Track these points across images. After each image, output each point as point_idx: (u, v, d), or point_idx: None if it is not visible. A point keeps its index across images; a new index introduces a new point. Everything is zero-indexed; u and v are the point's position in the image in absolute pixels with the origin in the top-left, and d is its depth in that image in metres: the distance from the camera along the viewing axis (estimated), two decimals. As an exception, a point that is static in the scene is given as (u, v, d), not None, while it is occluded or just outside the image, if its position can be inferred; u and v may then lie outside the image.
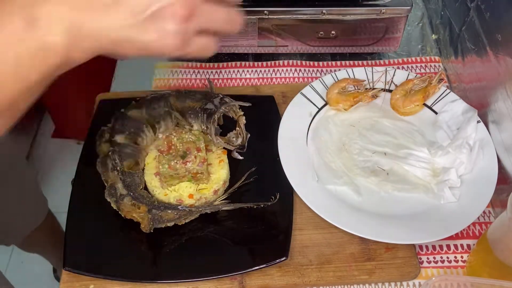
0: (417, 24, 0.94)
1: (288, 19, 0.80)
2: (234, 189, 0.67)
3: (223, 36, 0.42)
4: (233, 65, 0.87)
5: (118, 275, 0.61)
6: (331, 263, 0.62)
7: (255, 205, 0.64)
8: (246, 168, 0.68)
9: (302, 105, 0.76)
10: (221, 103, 0.68)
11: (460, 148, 0.68)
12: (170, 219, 0.62)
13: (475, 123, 0.70)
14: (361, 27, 0.82)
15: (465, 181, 0.66)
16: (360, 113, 0.76)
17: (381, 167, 0.69)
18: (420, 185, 0.67)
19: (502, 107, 0.66)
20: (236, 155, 0.71)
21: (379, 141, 0.72)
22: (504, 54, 0.65)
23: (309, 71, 0.86)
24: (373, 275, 0.61)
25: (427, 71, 0.86)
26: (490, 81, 0.70)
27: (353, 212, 0.64)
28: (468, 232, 0.66)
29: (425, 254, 0.65)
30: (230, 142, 0.70)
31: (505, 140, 0.67)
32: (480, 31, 0.71)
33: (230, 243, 0.63)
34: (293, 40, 0.84)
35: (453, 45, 0.82)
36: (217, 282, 0.61)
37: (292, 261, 0.62)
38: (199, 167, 0.64)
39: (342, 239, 0.64)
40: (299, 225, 0.66)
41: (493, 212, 0.68)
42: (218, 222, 0.65)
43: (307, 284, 0.61)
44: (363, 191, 0.67)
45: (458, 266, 0.64)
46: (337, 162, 0.70)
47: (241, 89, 0.83)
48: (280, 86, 0.83)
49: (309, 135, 0.74)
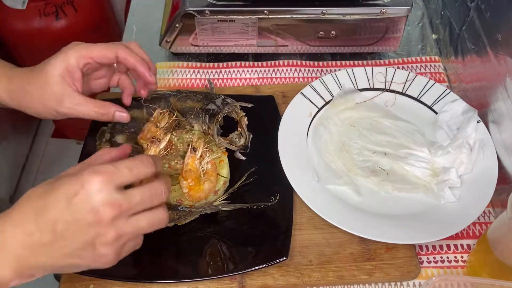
0: (417, 24, 0.94)
1: (288, 19, 0.80)
2: (234, 189, 0.67)
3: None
4: (233, 65, 0.87)
5: (118, 275, 0.61)
6: (331, 263, 0.62)
7: (255, 205, 0.64)
8: (246, 168, 0.68)
9: (302, 105, 0.76)
10: (224, 104, 0.68)
11: (460, 148, 0.68)
12: (170, 220, 0.62)
13: (475, 123, 0.70)
14: (361, 27, 0.82)
15: (465, 181, 0.66)
16: (360, 113, 0.76)
17: (381, 167, 0.69)
18: (420, 185, 0.67)
19: (502, 107, 0.66)
20: (239, 156, 0.71)
21: (379, 141, 0.72)
22: (504, 54, 0.65)
23: (309, 71, 0.86)
24: (373, 275, 0.61)
25: (427, 71, 0.86)
26: (490, 81, 0.70)
27: (353, 212, 0.64)
28: (468, 232, 0.66)
29: (425, 254, 0.65)
30: (232, 142, 0.69)
31: (505, 140, 0.67)
32: (480, 31, 0.71)
33: (230, 243, 0.63)
34: (293, 40, 0.84)
35: (453, 45, 0.82)
36: (217, 282, 0.61)
37: (292, 261, 0.62)
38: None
39: (342, 239, 0.64)
40: (299, 225, 0.66)
41: (493, 212, 0.68)
42: (218, 222, 0.65)
43: (307, 284, 0.61)
44: (363, 191, 0.67)
45: (458, 266, 0.64)
46: (337, 162, 0.71)
47: (241, 89, 0.83)
48: (280, 86, 0.83)
49: (309, 135, 0.74)
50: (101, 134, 0.70)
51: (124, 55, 0.61)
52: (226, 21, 0.80)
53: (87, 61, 0.60)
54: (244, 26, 0.81)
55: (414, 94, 0.78)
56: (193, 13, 0.79)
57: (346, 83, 0.78)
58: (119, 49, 0.60)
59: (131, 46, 0.63)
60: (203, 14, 0.79)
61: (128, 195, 0.45)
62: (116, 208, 0.44)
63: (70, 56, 0.59)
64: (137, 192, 0.46)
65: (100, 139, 0.70)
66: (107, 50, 0.60)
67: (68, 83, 0.59)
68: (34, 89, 0.59)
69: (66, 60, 0.59)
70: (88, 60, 0.60)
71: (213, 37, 0.83)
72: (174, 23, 0.81)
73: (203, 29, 0.81)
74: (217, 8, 0.79)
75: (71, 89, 0.59)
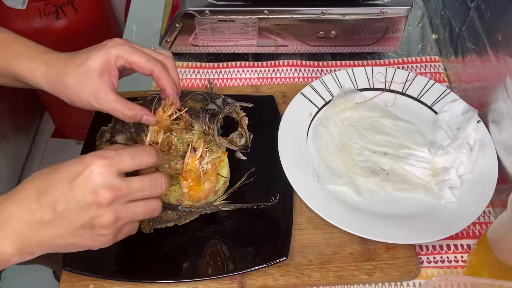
0: (417, 24, 0.94)
1: (288, 19, 0.80)
2: (234, 189, 0.67)
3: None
4: (233, 65, 0.87)
5: (118, 275, 0.61)
6: (331, 263, 0.62)
7: (255, 205, 0.64)
8: (246, 168, 0.68)
9: (302, 105, 0.76)
10: (224, 104, 0.68)
11: (460, 148, 0.68)
12: (170, 220, 0.62)
13: (475, 123, 0.70)
14: (361, 27, 0.82)
15: (465, 181, 0.66)
16: (360, 113, 0.76)
17: (381, 167, 0.69)
18: (420, 185, 0.67)
19: (502, 107, 0.66)
20: (240, 156, 0.71)
21: (379, 141, 0.72)
22: (504, 54, 0.65)
23: (309, 71, 0.86)
24: (373, 275, 0.61)
25: (427, 71, 0.86)
26: (490, 81, 0.70)
27: (353, 212, 0.64)
28: (468, 232, 0.66)
29: (425, 254, 0.65)
30: (233, 142, 0.69)
31: (505, 140, 0.67)
32: (480, 31, 0.71)
33: (230, 243, 0.63)
34: (293, 40, 0.84)
35: (453, 45, 0.82)
36: (217, 282, 0.61)
37: (292, 261, 0.62)
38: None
39: (342, 239, 0.64)
40: (299, 225, 0.66)
41: (493, 212, 0.68)
42: (218, 223, 0.65)
43: (307, 284, 0.61)
44: (363, 191, 0.67)
45: (458, 266, 0.64)
46: (337, 162, 0.71)
47: (241, 89, 0.83)
48: (280, 86, 0.83)
49: (309, 135, 0.74)
50: (101, 134, 0.70)
51: (158, 75, 0.61)
52: (226, 21, 0.80)
53: (124, 64, 0.60)
54: (244, 26, 0.81)
55: (414, 94, 0.78)
56: (193, 13, 0.79)
57: (346, 83, 0.78)
58: (156, 68, 0.60)
59: (168, 65, 0.63)
60: (203, 14, 0.79)
61: (128, 182, 0.47)
62: (115, 191, 0.46)
63: (111, 53, 0.59)
64: (137, 180, 0.48)
65: (100, 139, 0.70)
66: (145, 64, 0.60)
67: (105, 80, 0.59)
68: (72, 80, 0.59)
69: (107, 57, 0.59)
70: (126, 64, 0.60)
71: (213, 37, 0.83)
72: (174, 23, 0.81)
73: (203, 29, 0.81)
74: (217, 8, 0.79)
75: (107, 86, 0.60)
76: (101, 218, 0.46)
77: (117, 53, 0.59)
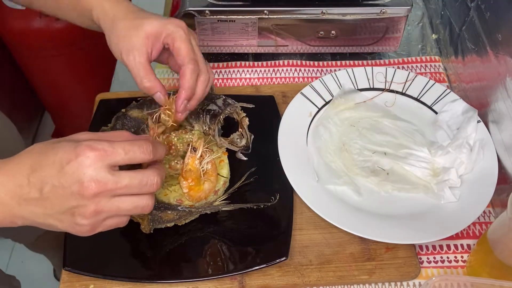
0: (417, 24, 0.94)
1: (288, 19, 0.80)
2: (234, 189, 0.67)
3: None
4: (233, 65, 0.87)
5: (118, 275, 0.61)
6: (331, 263, 0.62)
7: (255, 205, 0.64)
8: (246, 168, 0.69)
9: (302, 105, 0.76)
10: (225, 105, 0.68)
11: (460, 148, 0.68)
12: (170, 220, 0.62)
13: (475, 123, 0.70)
14: (361, 27, 0.82)
15: (465, 181, 0.67)
16: (360, 113, 0.76)
17: (381, 167, 0.69)
18: (420, 185, 0.67)
19: (502, 107, 0.66)
20: (241, 156, 0.71)
21: (379, 141, 0.72)
22: (504, 54, 0.65)
23: (309, 71, 0.86)
24: (373, 275, 0.61)
25: (427, 71, 0.86)
26: (490, 81, 0.70)
27: (353, 212, 0.64)
28: (468, 232, 0.66)
29: (425, 254, 0.65)
30: (234, 143, 0.70)
31: (505, 140, 0.67)
32: (480, 31, 0.71)
33: (230, 243, 0.63)
34: (293, 40, 0.84)
35: (453, 45, 0.82)
36: (217, 282, 0.61)
37: (292, 261, 0.62)
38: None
39: (342, 239, 0.64)
40: (299, 225, 0.66)
41: (493, 212, 0.68)
42: (218, 223, 0.65)
43: (307, 284, 0.61)
44: (363, 191, 0.67)
45: (458, 266, 0.64)
46: (337, 162, 0.71)
47: (241, 89, 0.83)
48: (280, 86, 0.83)
49: (309, 135, 0.74)
50: (101, 134, 0.70)
51: (186, 73, 0.61)
52: (226, 21, 0.80)
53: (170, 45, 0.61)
54: (244, 26, 0.81)
55: (414, 94, 0.78)
56: (193, 13, 0.79)
57: (346, 83, 0.78)
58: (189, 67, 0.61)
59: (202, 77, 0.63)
60: (203, 14, 0.79)
61: (117, 177, 0.47)
62: (101, 186, 0.46)
63: (167, 28, 0.60)
64: (127, 176, 0.48)
65: (100, 139, 0.69)
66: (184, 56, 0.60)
67: (146, 44, 0.60)
68: (122, 25, 0.61)
69: (161, 28, 0.60)
70: (170, 46, 0.61)
71: (213, 37, 0.83)
72: (174, 23, 0.81)
73: (203, 29, 0.81)
74: (217, 8, 0.79)
75: (144, 49, 0.60)
76: (82, 209, 0.46)
77: (172, 31, 0.60)
